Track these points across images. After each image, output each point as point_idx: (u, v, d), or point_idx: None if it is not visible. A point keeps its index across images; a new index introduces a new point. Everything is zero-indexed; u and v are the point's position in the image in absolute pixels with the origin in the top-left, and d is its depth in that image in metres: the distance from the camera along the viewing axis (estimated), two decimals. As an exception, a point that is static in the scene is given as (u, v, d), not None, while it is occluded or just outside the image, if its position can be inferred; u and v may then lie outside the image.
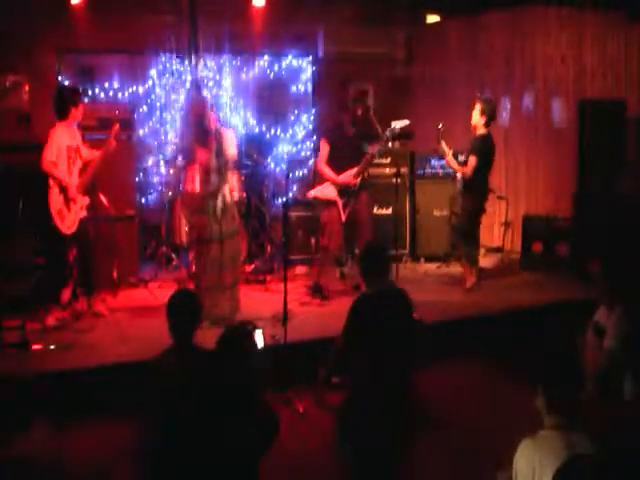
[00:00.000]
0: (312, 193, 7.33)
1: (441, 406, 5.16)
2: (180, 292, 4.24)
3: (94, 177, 6.68)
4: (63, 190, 6.32)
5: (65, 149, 6.39)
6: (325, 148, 7.22)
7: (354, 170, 7.12)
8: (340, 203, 7.13)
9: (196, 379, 3.57)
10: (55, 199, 6.29)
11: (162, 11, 8.80)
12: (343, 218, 7.13)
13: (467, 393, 5.60)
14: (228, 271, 6.43)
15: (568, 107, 9.00)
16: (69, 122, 6.49)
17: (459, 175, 7.52)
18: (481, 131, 7.41)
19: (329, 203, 7.20)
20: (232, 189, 6.73)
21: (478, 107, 7.41)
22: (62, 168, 6.35)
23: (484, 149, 7.36)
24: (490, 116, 7.40)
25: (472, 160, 7.30)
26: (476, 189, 7.43)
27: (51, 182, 6.29)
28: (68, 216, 6.35)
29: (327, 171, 7.18)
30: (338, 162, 7.15)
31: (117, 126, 6.70)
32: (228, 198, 6.50)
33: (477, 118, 7.40)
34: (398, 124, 7.01)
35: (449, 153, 7.54)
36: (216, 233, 6.34)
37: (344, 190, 7.14)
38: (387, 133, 7.10)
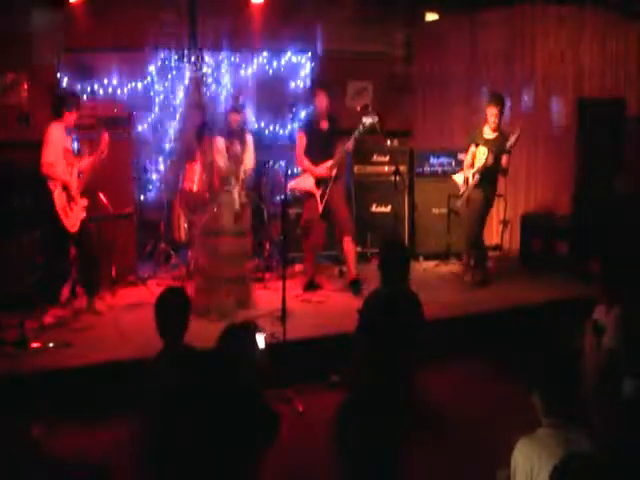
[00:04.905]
0: (291, 184, 7.40)
1: (440, 405, 5.17)
2: (168, 291, 4.14)
3: (89, 180, 6.72)
4: (65, 188, 6.32)
5: (62, 150, 6.39)
6: (302, 140, 7.38)
7: (329, 163, 7.25)
8: (317, 194, 7.26)
9: (191, 379, 3.56)
10: (59, 196, 6.29)
11: (161, 8, 8.79)
12: (320, 209, 7.25)
13: (466, 392, 5.60)
14: (241, 264, 6.71)
15: (567, 105, 8.99)
16: (62, 124, 6.47)
17: (469, 174, 7.56)
18: (503, 126, 7.52)
19: (307, 196, 7.38)
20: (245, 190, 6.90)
21: (496, 110, 7.42)
22: (61, 167, 6.35)
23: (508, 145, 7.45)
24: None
25: (506, 159, 7.46)
26: (494, 183, 7.57)
27: (51, 185, 6.27)
28: (71, 214, 6.36)
29: (305, 162, 7.36)
30: (313, 154, 7.32)
31: (106, 136, 6.66)
32: (243, 198, 6.78)
33: (499, 119, 7.46)
34: (368, 120, 7.06)
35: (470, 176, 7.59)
36: (232, 227, 6.64)
37: (321, 181, 7.27)
38: (358, 130, 7.14)
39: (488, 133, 7.51)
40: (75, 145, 6.58)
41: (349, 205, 7.80)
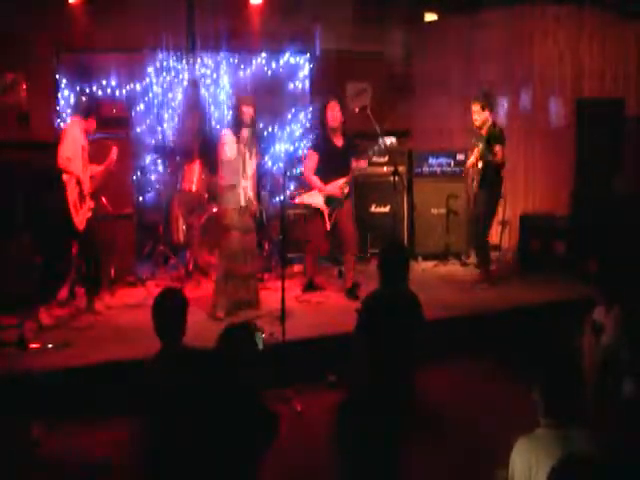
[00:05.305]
0: (299, 199, 7.35)
1: (440, 405, 5.17)
2: (166, 291, 4.11)
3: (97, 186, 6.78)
4: (79, 184, 6.34)
5: (80, 148, 6.40)
6: (313, 158, 7.17)
7: (341, 181, 7.12)
8: (326, 212, 7.13)
9: (190, 379, 3.56)
10: (72, 192, 6.31)
11: (160, 9, 8.77)
12: (328, 227, 7.13)
13: (466, 392, 5.60)
14: (248, 262, 6.63)
15: (566, 106, 9.00)
16: (83, 124, 6.49)
17: (470, 170, 7.58)
18: (491, 119, 7.47)
19: (314, 211, 7.22)
20: (253, 189, 6.79)
21: (477, 107, 7.41)
22: (77, 164, 6.36)
23: (503, 136, 7.42)
24: (491, 106, 7.49)
25: (499, 149, 7.30)
26: (495, 182, 7.52)
27: (65, 178, 6.28)
28: (80, 212, 6.38)
29: (315, 180, 7.15)
30: (326, 172, 7.12)
31: (115, 150, 6.74)
32: (249, 194, 6.66)
33: (481, 116, 7.41)
34: (385, 142, 7.00)
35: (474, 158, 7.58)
36: (238, 223, 6.53)
37: (330, 199, 7.13)
38: (374, 150, 7.08)
39: (479, 131, 7.54)
40: (86, 146, 6.58)
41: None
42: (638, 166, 8.32)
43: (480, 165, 7.44)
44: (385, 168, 8.94)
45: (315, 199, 7.16)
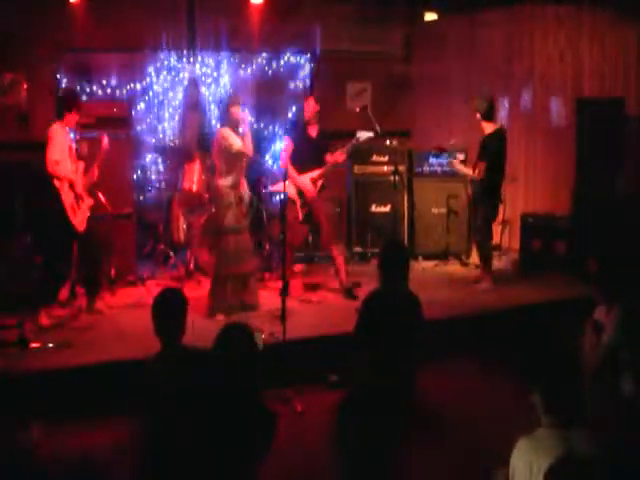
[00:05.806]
0: (272, 188, 7.34)
1: (440, 405, 5.17)
2: (165, 292, 4.09)
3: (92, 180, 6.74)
4: (71, 186, 6.33)
5: (67, 148, 6.39)
6: (288, 146, 7.20)
7: (315, 173, 7.13)
8: (298, 202, 7.14)
9: (189, 380, 3.56)
10: (66, 194, 6.29)
11: (160, 8, 8.78)
12: (300, 217, 7.15)
13: (466, 392, 5.59)
14: (245, 261, 6.62)
15: (566, 105, 9.00)
16: (64, 124, 6.47)
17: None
18: (488, 130, 7.44)
19: (289, 199, 7.19)
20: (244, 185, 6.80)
21: (473, 107, 7.45)
22: (66, 166, 6.34)
23: (490, 149, 7.39)
24: (485, 110, 7.41)
25: (481, 166, 7.36)
26: (489, 188, 7.51)
27: (56, 183, 6.26)
28: (79, 213, 6.37)
29: (290, 169, 7.12)
30: (300, 161, 7.14)
31: (106, 140, 6.69)
32: (245, 193, 6.72)
33: (485, 127, 7.44)
34: (362, 136, 6.94)
35: (458, 166, 7.61)
36: (235, 224, 6.53)
37: (302, 190, 7.15)
38: (351, 144, 7.03)
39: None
40: (73, 145, 6.56)
41: (348, 206, 7.64)
42: (638, 166, 8.30)
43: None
44: (385, 168, 8.94)
45: (288, 188, 7.15)
